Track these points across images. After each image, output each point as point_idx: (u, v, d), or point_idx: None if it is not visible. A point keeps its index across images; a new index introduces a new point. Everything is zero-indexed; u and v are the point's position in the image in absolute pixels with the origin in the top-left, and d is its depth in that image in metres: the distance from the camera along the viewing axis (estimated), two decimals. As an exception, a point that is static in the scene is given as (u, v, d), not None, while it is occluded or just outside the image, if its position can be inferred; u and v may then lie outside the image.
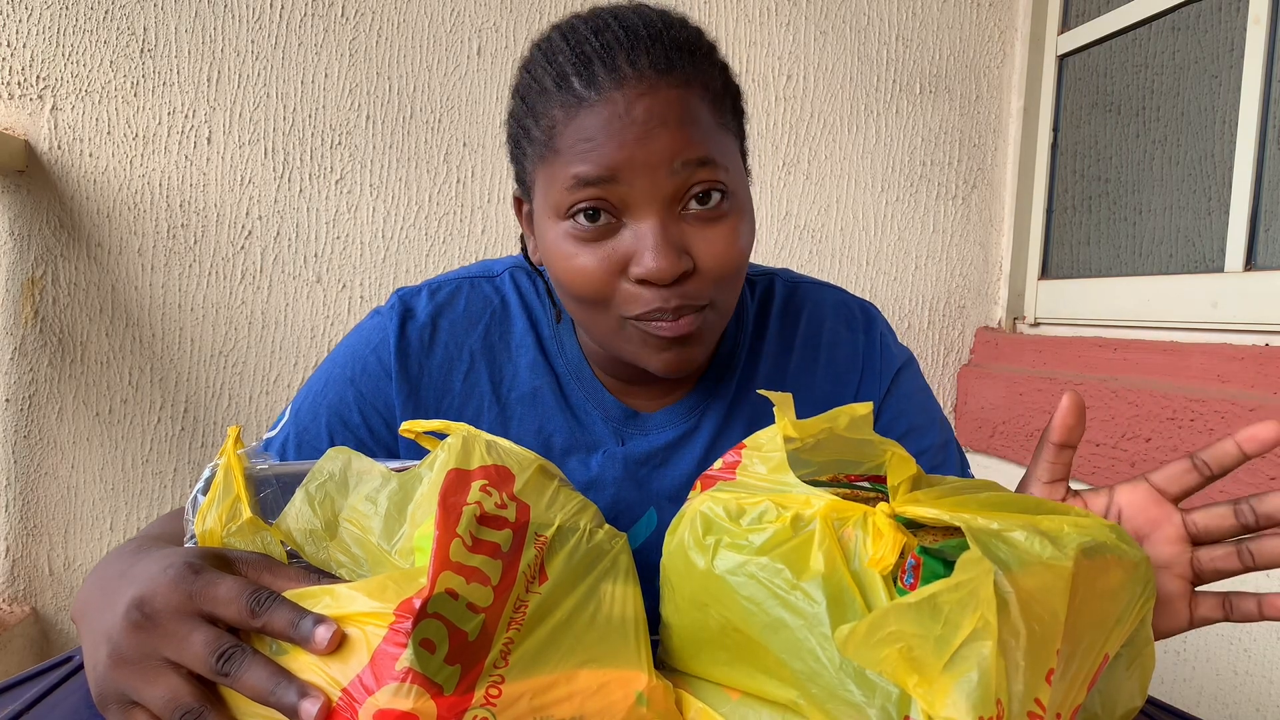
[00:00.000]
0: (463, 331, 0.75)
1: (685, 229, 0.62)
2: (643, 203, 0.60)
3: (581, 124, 0.60)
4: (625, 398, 0.76)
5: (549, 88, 0.62)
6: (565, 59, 0.61)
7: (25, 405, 1.49)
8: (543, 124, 0.62)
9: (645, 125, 0.59)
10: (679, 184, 0.60)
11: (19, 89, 1.45)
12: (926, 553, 0.43)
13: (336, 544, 0.46)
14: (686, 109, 0.60)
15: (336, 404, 0.74)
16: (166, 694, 0.41)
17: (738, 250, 0.63)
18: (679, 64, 0.61)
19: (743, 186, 0.66)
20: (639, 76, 0.59)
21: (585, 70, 0.60)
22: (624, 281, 0.62)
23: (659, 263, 0.59)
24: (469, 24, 1.60)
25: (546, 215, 0.64)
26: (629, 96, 0.59)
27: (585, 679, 0.44)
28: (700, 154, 0.60)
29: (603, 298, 0.63)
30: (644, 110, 0.59)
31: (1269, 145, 1.29)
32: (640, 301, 0.62)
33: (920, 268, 1.81)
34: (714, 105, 0.63)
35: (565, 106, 0.60)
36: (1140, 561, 0.46)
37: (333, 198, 1.57)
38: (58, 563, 1.53)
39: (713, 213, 0.62)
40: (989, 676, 0.36)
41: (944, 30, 1.78)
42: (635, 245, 0.61)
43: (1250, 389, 1.18)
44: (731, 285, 0.65)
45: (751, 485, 0.49)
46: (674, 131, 0.59)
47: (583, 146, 0.60)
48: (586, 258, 0.62)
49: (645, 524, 0.76)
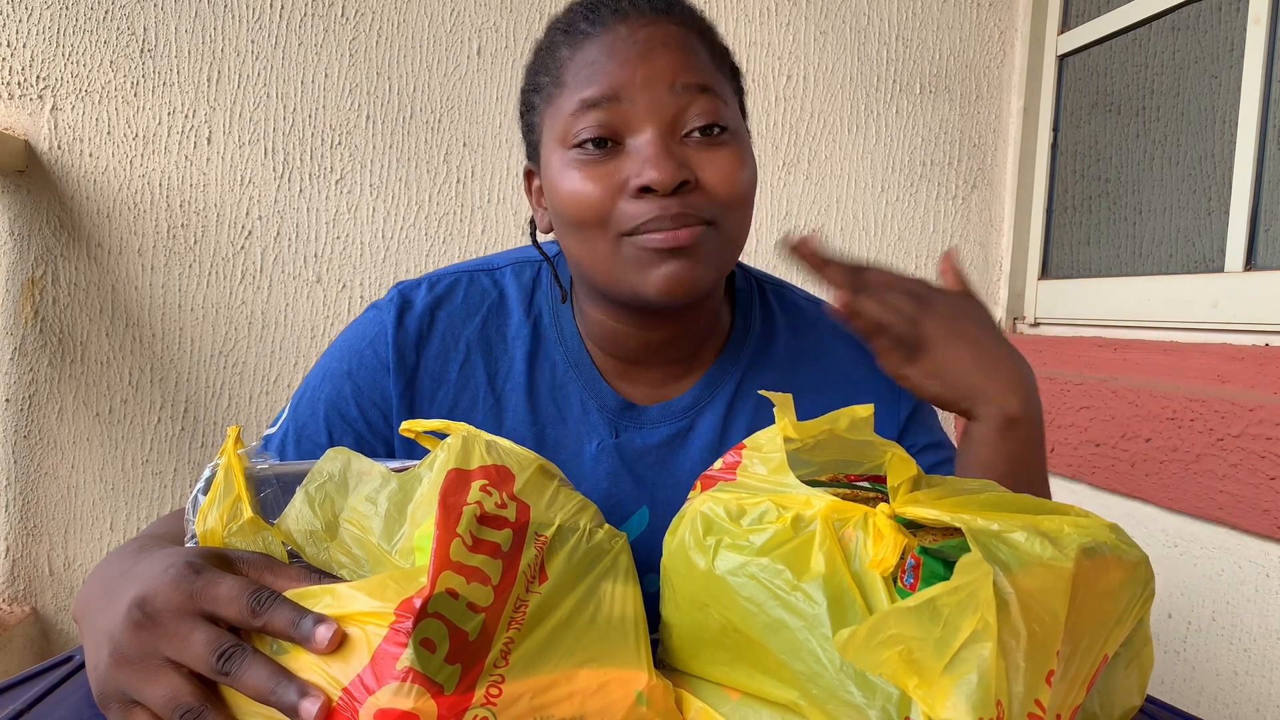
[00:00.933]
0: (460, 323, 0.76)
1: (687, 151, 0.64)
2: (644, 120, 0.63)
3: (586, 54, 0.64)
4: (623, 387, 0.76)
5: (558, 40, 0.67)
6: (576, 12, 0.67)
7: (25, 405, 1.49)
8: (552, 70, 0.67)
9: (647, 46, 0.63)
10: (680, 105, 0.63)
11: (19, 89, 1.46)
12: (926, 553, 0.43)
13: (337, 544, 0.46)
14: (686, 41, 0.65)
15: (334, 398, 0.74)
16: (167, 693, 0.41)
17: (740, 175, 0.65)
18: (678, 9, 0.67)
19: (743, 132, 0.69)
20: (639, 13, 0.65)
21: (592, 13, 0.66)
22: (624, 200, 0.64)
23: (658, 169, 0.62)
24: (469, 24, 1.60)
25: (553, 149, 0.67)
26: (631, 26, 0.64)
27: (585, 678, 0.44)
28: (700, 80, 0.64)
29: (601, 217, 0.64)
30: (646, 35, 0.64)
31: (1269, 145, 1.29)
32: (639, 213, 0.63)
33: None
34: (712, 54, 0.68)
35: (572, 45, 0.66)
36: (1140, 561, 0.46)
37: (333, 198, 1.57)
38: (58, 563, 1.53)
39: (714, 140, 0.65)
40: (989, 678, 0.36)
41: (944, 30, 1.78)
42: (637, 158, 0.63)
43: (1250, 389, 1.18)
44: (736, 212, 0.67)
45: (752, 486, 0.49)
46: (675, 54, 0.64)
47: (586, 72, 0.64)
48: (589, 181, 0.64)
49: (639, 519, 0.76)
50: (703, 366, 0.78)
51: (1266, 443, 1.09)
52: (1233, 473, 1.14)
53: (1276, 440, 1.08)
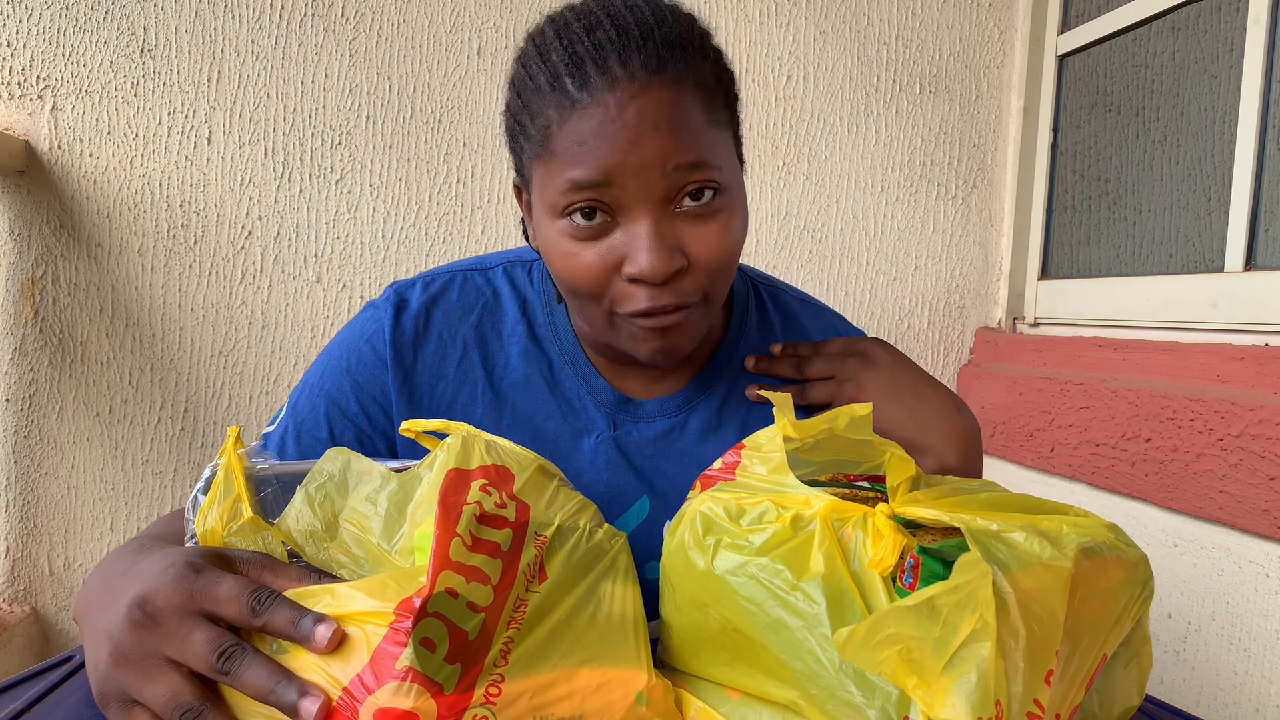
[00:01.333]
0: (456, 320, 0.76)
1: (678, 226, 0.63)
2: (636, 204, 0.61)
3: (575, 127, 0.61)
4: (619, 383, 0.77)
5: (543, 86, 0.62)
6: (558, 57, 0.62)
7: (25, 405, 1.49)
8: (538, 123, 0.63)
9: (637, 129, 0.60)
10: (671, 185, 0.61)
11: (19, 89, 1.46)
12: (926, 553, 0.43)
13: (337, 544, 0.46)
14: (678, 110, 0.61)
15: (334, 394, 0.75)
16: (167, 692, 0.41)
17: (730, 244, 0.65)
18: (670, 62, 0.61)
19: (736, 180, 0.67)
20: (630, 77, 0.60)
21: (578, 71, 0.61)
22: (618, 279, 0.64)
23: (652, 262, 0.61)
24: (469, 24, 1.60)
25: (544, 213, 0.65)
26: (621, 99, 0.60)
27: (585, 678, 0.44)
28: (691, 158, 0.61)
29: (598, 293, 0.65)
30: (635, 113, 0.60)
31: (1269, 145, 1.29)
32: (634, 300, 0.64)
33: (920, 268, 1.81)
34: (706, 101, 0.64)
35: (559, 108, 0.61)
36: (1139, 561, 0.46)
37: (333, 198, 1.57)
38: (58, 563, 1.53)
39: (705, 209, 0.63)
40: (988, 678, 0.36)
41: (944, 30, 1.78)
42: (629, 245, 0.62)
43: (1250, 389, 1.18)
44: (724, 278, 0.67)
45: (751, 485, 0.50)
46: (665, 136, 0.60)
47: (576, 150, 0.61)
48: (583, 255, 0.63)
49: (637, 511, 0.77)
50: (697, 364, 0.79)
51: (1266, 443, 1.09)
52: (1232, 473, 1.14)
53: (1276, 440, 1.08)
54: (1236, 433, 1.14)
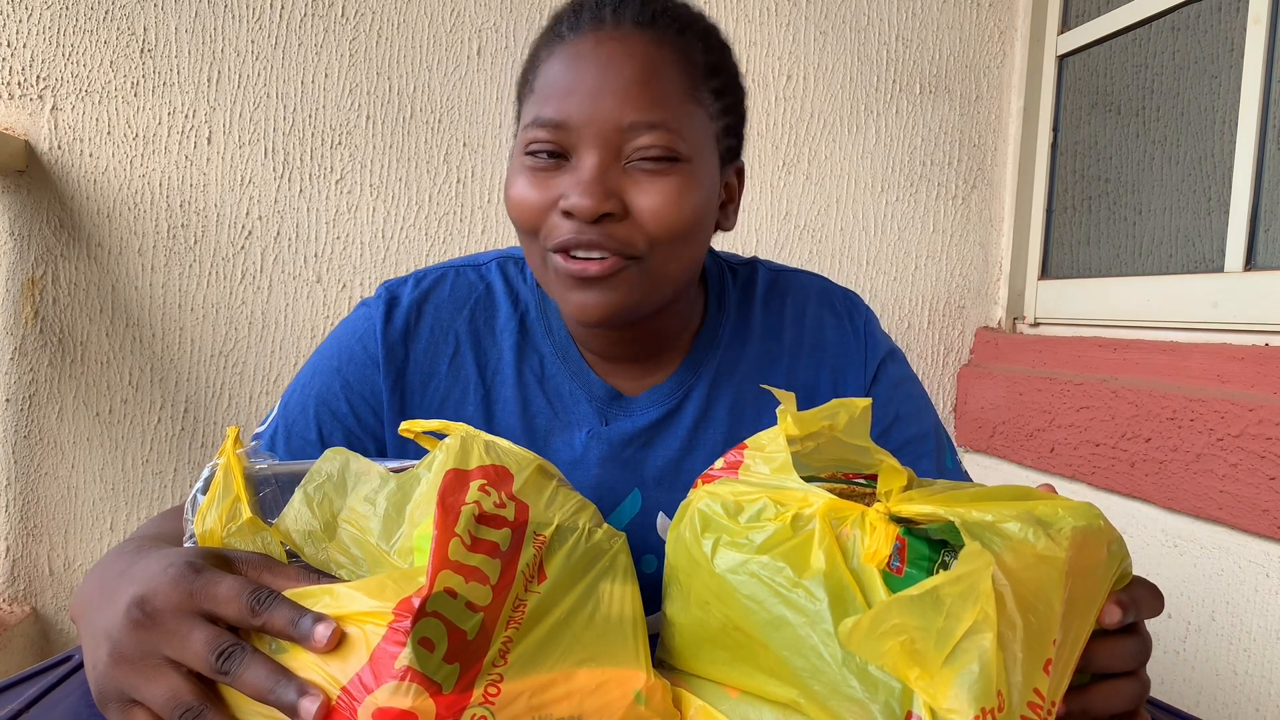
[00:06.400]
0: (448, 316, 0.76)
1: (625, 179, 0.64)
2: (586, 146, 0.63)
3: (552, 64, 0.65)
4: (611, 378, 0.77)
5: (546, 30, 0.68)
6: (567, 9, 0.67)
7: (25, 405, 1.49)
8: (534, 68, 0.68)
9: (605, 70, 0.63)
10: (626, 138, 0.63)
11: (19, 89, 1.46)
12: (910, 534, 0.44)
13: (335, 545, 0.46)
14: (650, 66, 0.63)
15: (324, 394, 0.74)
16: (167, 692, 0.41)
17: (677, 209, 0.64)
18: (660, 24, 0.65)
19: (704, 163, 0.67)
20: (616, 24, 0.64)
21: (575, 16, 0.66)
22: (554, 214, 0.65)
23: (583, 197, 0.62)
24: (469, 24, 1.60)
25: (517, 151, 0.68)
26: (600, 40, 0.63)
27: (584, 678, 0.44)
28: (653, 118, 0.63)
29: (533, 227, 0.66)
30: (608, 55, 0.63)
31: (1269, 145, 1.29)
32: (559, 232, 0.64)
33: (920, 268, 1.81)
34: (687, 75, 0.65)
35: (548, 46, 0.66)
36: (1117, 538, 0.47)
37: (333, 198, 1.57)
38: (58, 563, 1.53)
39: (657, 168, 0.64)
40: (990, 669, 0.36)
41: (944, 30, 1.78)
42: (570, 182, 0.64)
43: (1250, 389, 1.18)
44: (669, 247, 0.66)
45: (752, 483, 0.50)
46: (632, 87, 0.63)
47: (547, 88, 0.65)
48: (530, 189, 0.65)
49: (630, 505, 0.77)
50: (681, 352, 0.79)
51: (1266, 443, 1.09)
52: (1233, 473, 1.14)
53: (1276, 440, 1.08)
54: (1236, 433, 1.14)
